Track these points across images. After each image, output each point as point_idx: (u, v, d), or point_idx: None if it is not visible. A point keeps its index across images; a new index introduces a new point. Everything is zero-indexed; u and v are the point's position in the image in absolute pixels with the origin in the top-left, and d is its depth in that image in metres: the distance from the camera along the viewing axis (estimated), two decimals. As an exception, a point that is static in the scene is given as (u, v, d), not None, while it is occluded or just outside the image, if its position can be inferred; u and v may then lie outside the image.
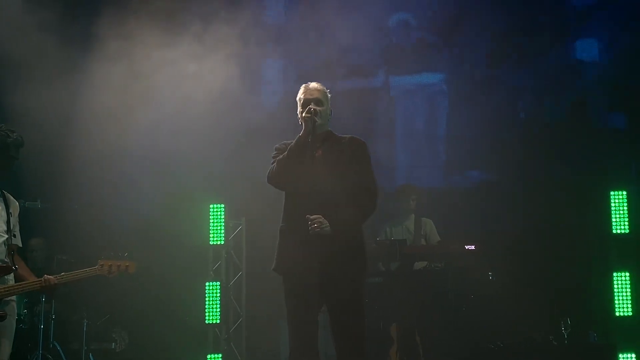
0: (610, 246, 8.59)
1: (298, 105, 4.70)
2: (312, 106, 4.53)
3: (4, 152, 4.72)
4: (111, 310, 8.53)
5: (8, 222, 4.81)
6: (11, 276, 4.84)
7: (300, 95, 4.70)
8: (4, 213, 4.82)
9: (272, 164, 4.62)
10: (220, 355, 8.82)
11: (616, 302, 8.46)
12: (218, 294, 8.83)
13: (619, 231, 8.55)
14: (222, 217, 8.92)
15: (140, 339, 8.80)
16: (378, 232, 8.18)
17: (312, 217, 4.35)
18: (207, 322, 8.77)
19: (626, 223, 8.56)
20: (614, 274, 8.50)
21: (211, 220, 8.92)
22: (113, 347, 8.55)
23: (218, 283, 8.86)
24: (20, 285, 4.82)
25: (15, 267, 4.77)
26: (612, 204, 8.58)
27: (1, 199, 4.86)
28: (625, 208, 8.55)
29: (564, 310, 7.76)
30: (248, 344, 9.00)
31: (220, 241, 8.95)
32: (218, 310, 8.80)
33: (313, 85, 4.69)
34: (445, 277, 7.34)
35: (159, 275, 8.51)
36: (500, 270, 7.79)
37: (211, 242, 8.96)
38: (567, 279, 8.58)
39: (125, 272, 5.08)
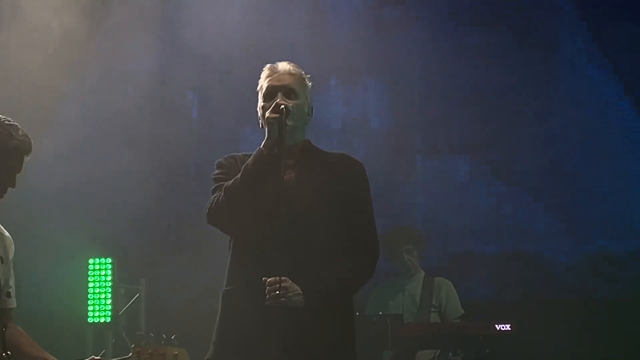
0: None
1: (259, 97, 3.89)
2: (280, 100, 3.79)
3: (5, 160, 3.90)
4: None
5: None
6: None
7: (262, 81, 3.91)
8: None
9: (215, 191, 3.89)
10: None
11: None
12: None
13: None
14: (109, 279, 7.49)
15: None
16: (360, 302, 6.59)
17: (270, 279, 3.61)
18: None
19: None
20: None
21: (91, 285, 7.45)
22: None
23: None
24: None
25: (7, 353, 3.88)
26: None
27: None
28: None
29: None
30: None
31: (106, 318, 7.50)
32: None
33: (283, 66, 3.92)
34: (466, 375, 6.50)
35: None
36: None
37: (90, 320, 7.48)
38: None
39: None
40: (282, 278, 3.67)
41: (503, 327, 6.19)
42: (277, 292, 3.64)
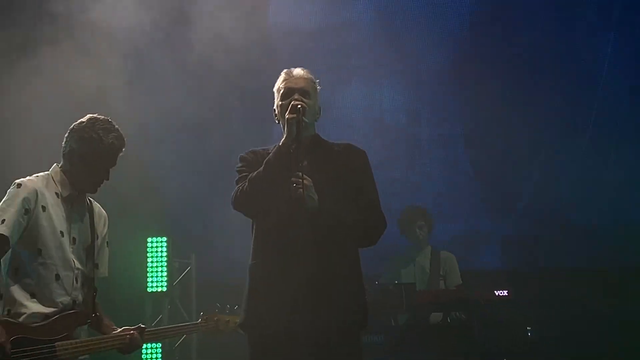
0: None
1: (276, 97, 4.19)
2: (296, 100, 4.05)
3: (97, 160, 4.08)
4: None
5: (93, 246, 4.19)
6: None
7: (280, 83, 4.20)
8: (87, 233, 4.17)
9: (239, 181, 4.12)
10: None
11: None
12: (159, 359, 7.64)
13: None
14: (165, 254, 7.80)
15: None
16: (377, 271, 7.06)
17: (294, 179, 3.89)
18: (143, 396, 7.57)
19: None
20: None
21: (149, 260, 7.77)
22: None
23: (159, 345, 7.62)
24: (97, 340, 4.11)
25: (96, 313, 4.18)
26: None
27: (86, 214, 4.19)
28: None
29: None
30: None
31: (162, 287, 7.80)
32: (159, 380, 7.60)
33: (298, 72, 4.23)
34: (469, 333, 6.43)
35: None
36: (541, 323, 6.96)
37: (149, 289, 7.79)
38: (625, 334, 7.41)
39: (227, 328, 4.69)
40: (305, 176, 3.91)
41: (501, 293, 6.48)
42: (297, 184, 3.84)
